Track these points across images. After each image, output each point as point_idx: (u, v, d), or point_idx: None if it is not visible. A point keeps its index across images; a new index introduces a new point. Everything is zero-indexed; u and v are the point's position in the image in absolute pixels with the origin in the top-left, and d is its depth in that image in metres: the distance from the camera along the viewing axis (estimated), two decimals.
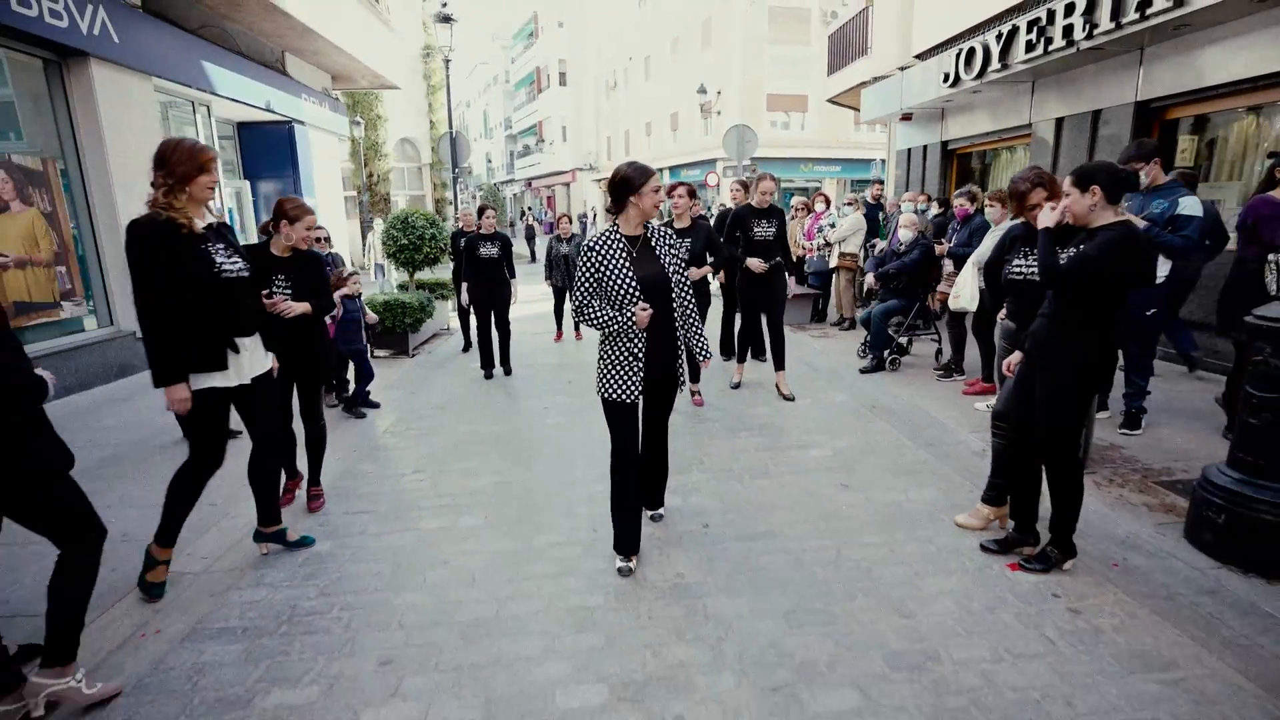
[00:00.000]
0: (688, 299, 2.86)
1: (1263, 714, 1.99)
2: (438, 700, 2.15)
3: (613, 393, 2.74)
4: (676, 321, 2.82)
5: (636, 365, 2.72)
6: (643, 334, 2.69)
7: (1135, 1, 5.52)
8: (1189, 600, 2.56)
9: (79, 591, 2.11)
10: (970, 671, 2.21)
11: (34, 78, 6.18)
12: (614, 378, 2.74)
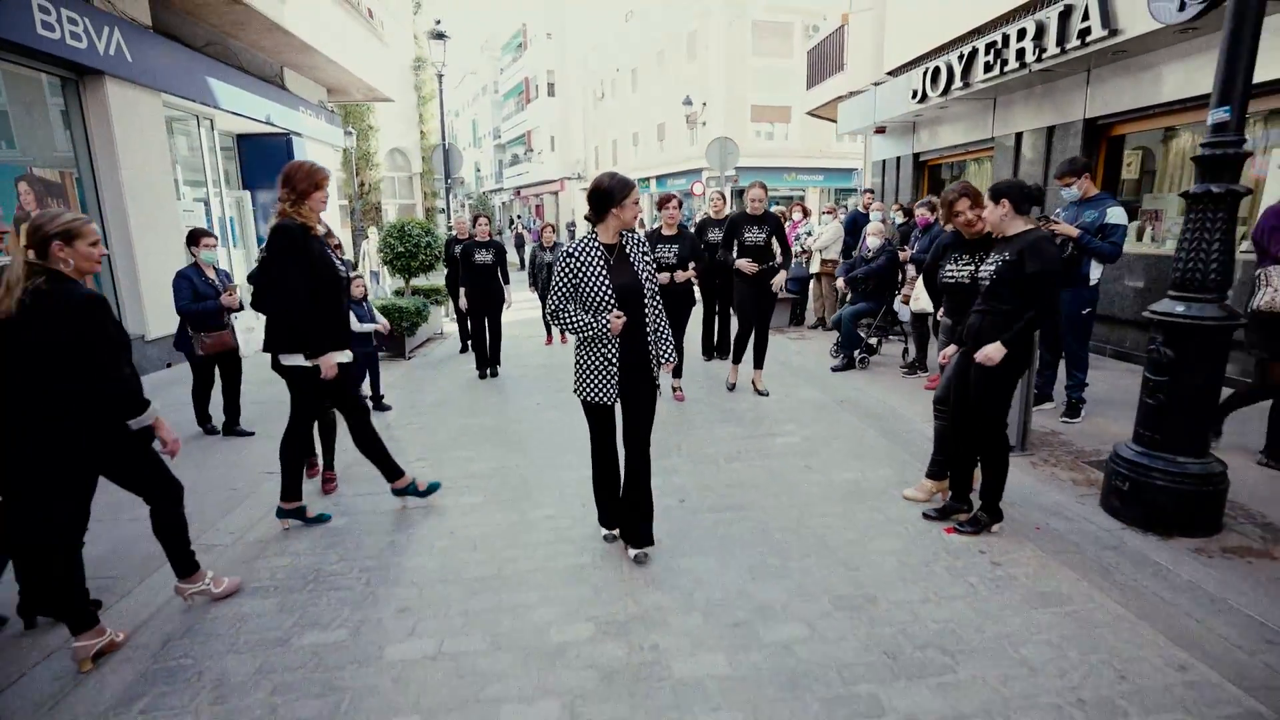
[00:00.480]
0: (659, 306, 2.98)
1: (1135, 634, 2.42)
2: (449, 639, 2.53)
3: (590, 395, 2.88)
4: (648, 327, 2.92)
5: (612, 369, 2.84)
6: (616, 339, 2.82)
7: (1076, 29, 6.03)
8: (1094, 554, 2.99)
9: (175, 527, 2.66)
10: (901, 610, 2.61)
11: (54, 95, 6.53)
12: (590, 381, 2.87)
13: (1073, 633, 2.43)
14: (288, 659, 2.42)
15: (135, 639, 2.56)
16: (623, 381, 2.88)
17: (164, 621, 2.68)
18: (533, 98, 40.82)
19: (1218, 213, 2.95)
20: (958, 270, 3.42)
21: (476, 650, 2.44)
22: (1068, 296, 4.70)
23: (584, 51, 37.18)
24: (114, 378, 2.38)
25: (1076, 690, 2.14)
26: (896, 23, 10.03)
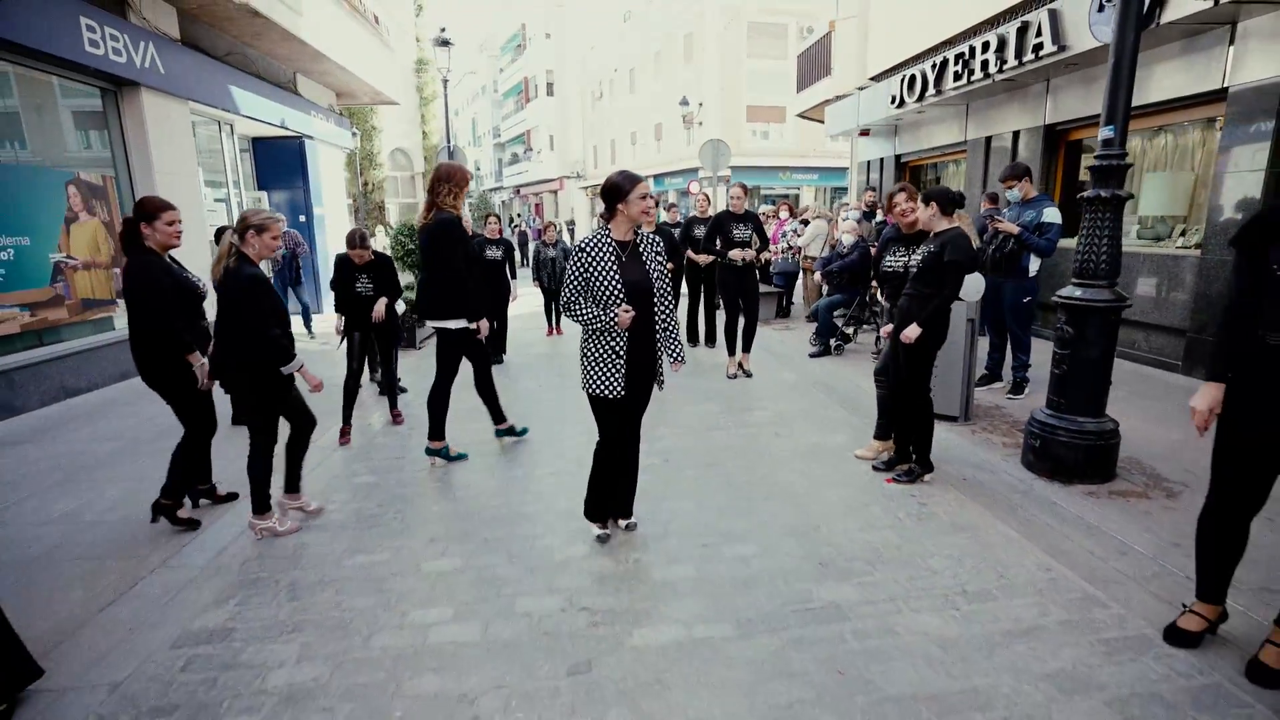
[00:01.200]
0: (669, 305, 3.04)
1: (1020, 550, 3.03)
2: (472, 557, 3.13)
3: (597, 389, 2.92)
4: (656, 325, 2.99)
5: (618, 363, 2.88)
6: (624, 334, 2.87)
7: (1032, 44, 6.63)
8: (1004, 496, 3.60)
9: (295, 452, 3.54)
10: (839, 536, 3.22)
11: (96, 105, 7.12)
12: (597, 375, 2.91)
13: (972, 550, 3.04)
14: (343, 572, 3.03)
15: (218, 560, 3.17)
16: (628, 375, 2.92)
17: (239, 549, 3.28)
18: (532, 97, 41.39)
19: (1106, 213, 3.56)
20: (895, 260, 4.02)
21: (495, 564, 3.05)
22: (1010, 287, 5.32)
23: (582, 52, 37.74)
24: (265, 335, 3.15)
25: (963, 584, 2.75)
26: (877, 31, 10.62)
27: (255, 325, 3.13)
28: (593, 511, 3.26)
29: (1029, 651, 2.33)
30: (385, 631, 2.57)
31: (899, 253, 3.98)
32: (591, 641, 2.47)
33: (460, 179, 4.00)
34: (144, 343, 3.34)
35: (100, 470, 4.37)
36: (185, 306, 3.38)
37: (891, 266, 4.02)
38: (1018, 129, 8.10)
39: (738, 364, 6.45)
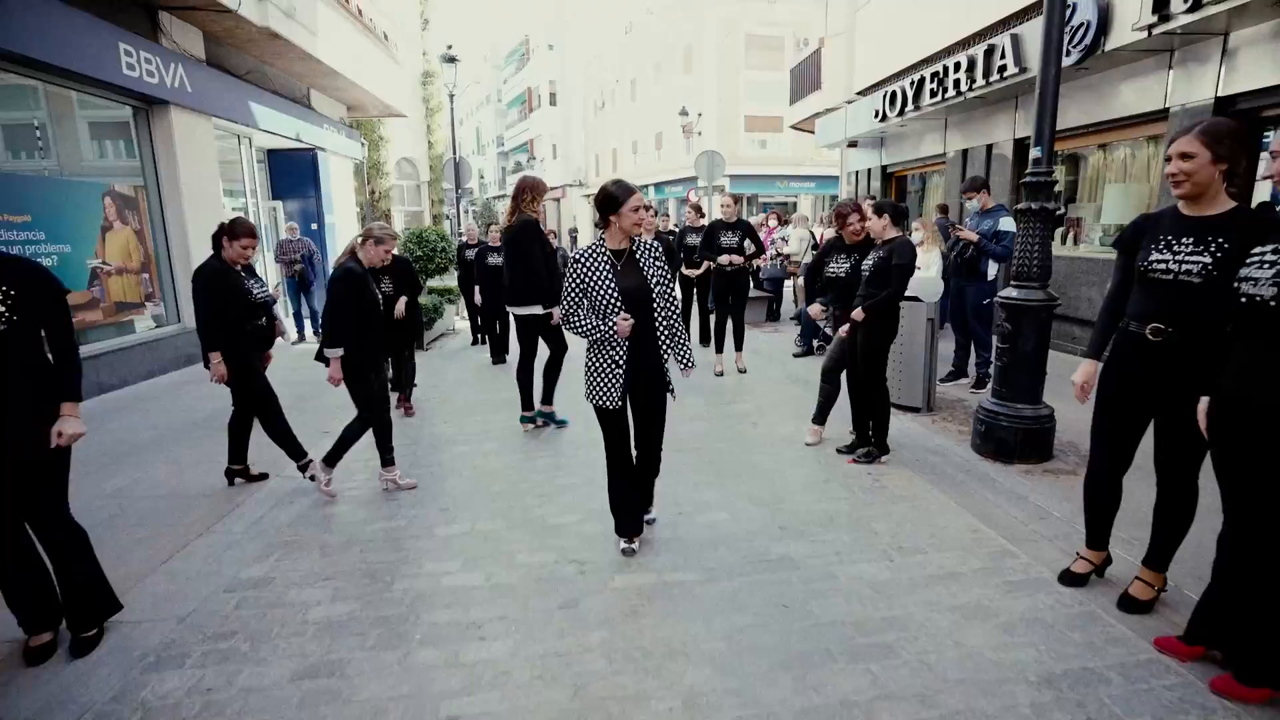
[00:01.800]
0: (672, 310, 3.00)
1: (954, 516, 3.48)
2: (478, 523, 3.60)
3: (598, 399, 2.91)
4: (659, 332, 2.96)
5: (618, 372, 2.85)
6: (624, 343, 2.84)
7: (997, 65, 7.12)
8: (949, 473, 4.05)
9: (352, 437, 3.98)
10: (798, 505, 3.68)
11: (129, 123, 7.65)
12: (598, 384, 2.89)
13: (912, 516, 3.50)
14: (366, 535, 3.50)
15: (256, 527, 3.64)
16: (633, 385, 2.91)
17: (273, 518, 3.75)
18: (535, 107, 42.06)
19: (1037, 224, 4.03)
20: (838, 267, 4.46)
21: (498, 528, 3.52)
22: (972, 289, 5.78)
23: (585, 62, 38.40)
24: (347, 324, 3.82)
25: (900, 542, 3.21)
26: (863, 49, 11.13)
27: (344, 315, 3.76)
28: (620, 526, 3.19)
29: (944, 590, 2.79)
30: (405, 579, 3.04)
31: (841, 260, 4.42)
32: (579, 585, 2.94)
33: (539, 189, 4.93)
34: None
35: (142, 454, 4.86)
36: (240, 311, 3.86)
37: (834, 272, 4.45)
38: (990, 142, 8.58)
39: (724, 363, 6.93)
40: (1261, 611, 2.03)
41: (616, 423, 2.97)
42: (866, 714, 2.10)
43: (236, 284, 3.88)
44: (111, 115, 7.45)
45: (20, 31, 5.71)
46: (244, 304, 3.91)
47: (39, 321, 2.35)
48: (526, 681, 2.31)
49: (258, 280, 4.13)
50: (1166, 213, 2.45)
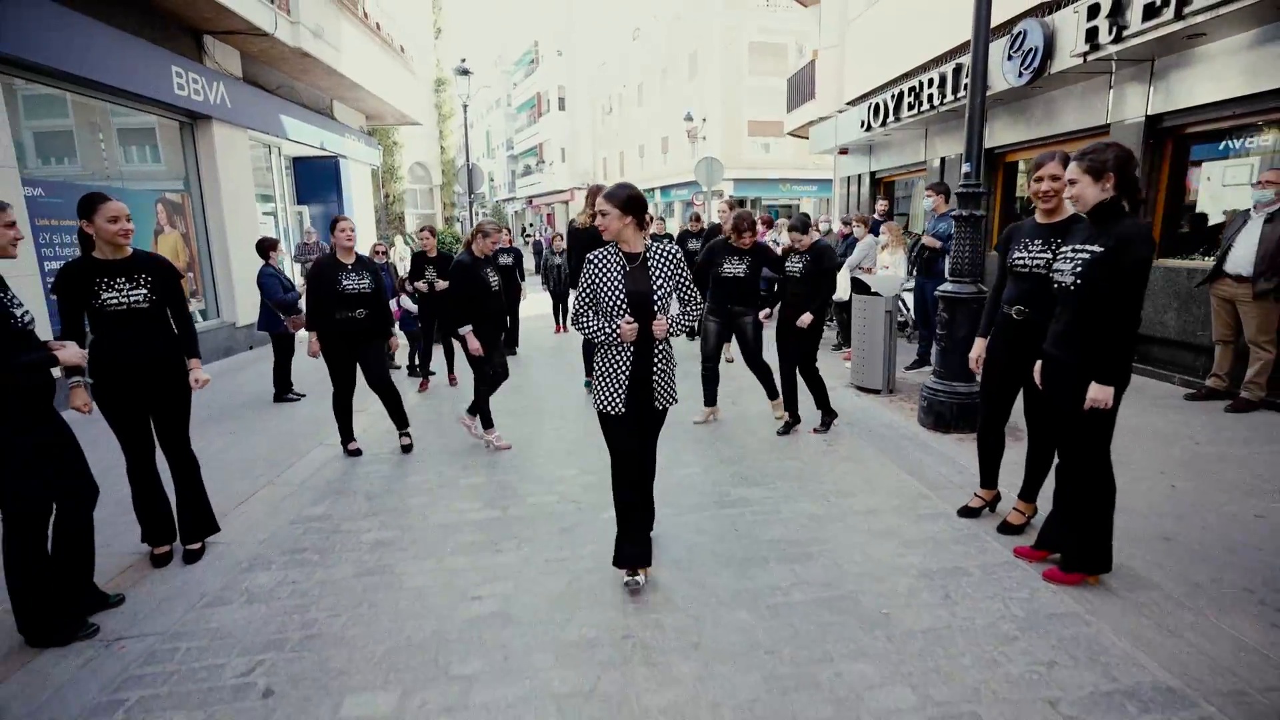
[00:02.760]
0: (681, 317, 2.88)
1: (889, 472, 4.19)
2: (494, 475, 4.34)
3: (602, 404, 2.84)
4: (657, 339, 2.81)
5: (622, 377, 2.79)
6: (630, 348, 2.79)
7: (964, 83, 7.80)
8: (893, 440, 4.76)
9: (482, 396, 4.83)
10: (760, 462, 4.40)
11: (176, 136, 8.47)
12: (602, 389, 2.84)
13: (854, 470, 4.22)
14: (403, 486, 4.24)
15: (310, 480, 4.39)
16: (634, 392, 2.83)
17: (322, 474, 4.51)
18: (544, 111, 42.91)
19: (968, 228, 4.73)
20: (734, 268, 5.08)
21: (512, 480, 4.26)
22: (930, 286, 6.47)
23: (593, 68, 39.21)
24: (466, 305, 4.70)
25: (839, 489, 3.93)
26: (851, 62, 11.82)
27: (463, 299, 4.65)
28: (620, 555, 2.93)
29: (864, 521, 3.50)
30: (437, 514, 3.78)
31: (735, 261, 5.05)
32: (575, 517, 3.68)
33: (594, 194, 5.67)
34: None
35: (203, 428, 5.61)
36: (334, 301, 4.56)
37: (731, 273, 5.09)
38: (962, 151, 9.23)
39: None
40: (1076, 518, 2.74)
41: (618, 430, 2.89)
42: (785, 594, 2.82)
43: (330, 275, 4.54)
44: (164, 130, 8.27)
45: (95, 61, 6.52)
46: (337, 295, 4.54)
47: (166, 300, 3.11)
48: (532, 576, 3.05)
49: (361, 273, 4.60)
50: (1028, 221, 3.17)
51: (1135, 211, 2.62)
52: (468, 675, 2.38)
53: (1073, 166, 2.64)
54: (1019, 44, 6.69)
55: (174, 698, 2.31)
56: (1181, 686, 2.17)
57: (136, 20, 7.31)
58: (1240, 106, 5.40)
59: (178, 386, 3.16)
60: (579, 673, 2.35)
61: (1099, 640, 2.43)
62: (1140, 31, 5.29)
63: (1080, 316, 2.62)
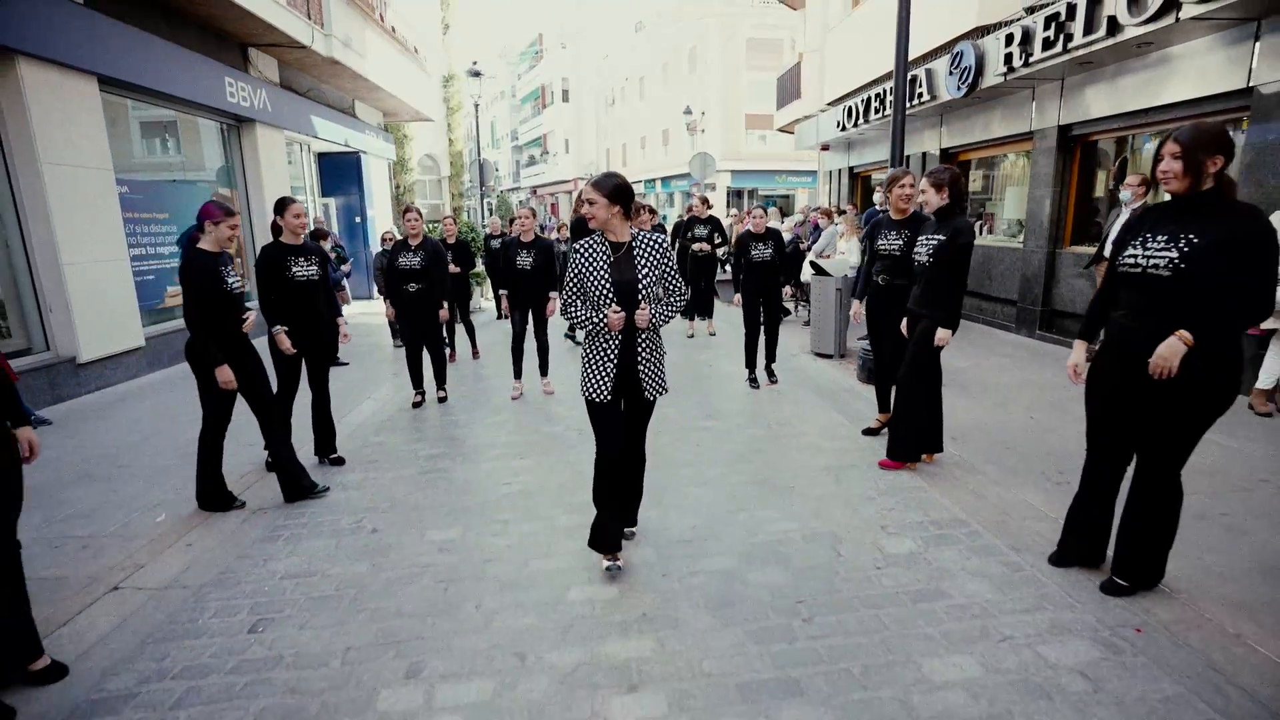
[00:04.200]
0: (665, 307, 2.90)
1: (824, 412, 5.36)
2: (515, 416, 5.52)
3: (589, 392, 2.88)
4: (641, 328, 2.82)
5: (609, 366, 2.83)
6: (617, 336, 2.81)
7: (918, 92, 8.90)
8: (833, 391, 5.93)
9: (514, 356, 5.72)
10: (723, 405, 5.57)
11: (224, 138, 9.62)
12: (590, 377, 2.87)
13: (795, 410, 5.40)
14: (444, 423, 5.43)
15: (370, 419, 5.58)
16: (621, 380, 2.88)
17: (378, 416, 5.70)
18: (548, 103, 43.86)
19: None
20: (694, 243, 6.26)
21: (527, 421, 5.44)
22: None
23: (596, 61, 40.10)
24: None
25: (781, 421, 5.10)
26: (832, 66, 12.89)
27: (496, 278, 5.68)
28: (597, 539, 3.02)
29: (796, 442, 4.67)
30: (472, 439, 4.97)
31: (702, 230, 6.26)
32: (577, 440, 4.86)
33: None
34: None
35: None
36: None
37: (700, 250, 6.28)
38: (925, 150, 10.36)
39: (695, 328, 8.85)
40: (897, 421, 3.92)
41: (605, 417, 2.93)
42: (725, 479, 4.00)
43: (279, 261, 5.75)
44: (214, 133, 9.42)
45: (170, 77, 7.67)
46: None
47: (325, 274, 4.30)
48: (546, 473, 4.24)
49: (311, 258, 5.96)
50: (884, 218, 4.34)
51: (963, 212, 3.78)
52: (504, 519, 3.57)
53: (923, 181, 3.80)
54: (958, 62, 7.78)
55: (313, 533, 3.50)
56: (967, 518, 3.35)
57: (196, 37, 8.43)
58: (1122, 121, 6.52)
59: (331, 337, 4.41)
60: (577, 518, 3.54)
61: (929, 498, 3.62)
62: (1041, 59, 6.39)
63: (931, 284, 3.78)
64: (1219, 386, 2.34)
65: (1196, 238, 2.27)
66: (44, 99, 5.97)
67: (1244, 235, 2.21)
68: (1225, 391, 2.35)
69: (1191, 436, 2.44)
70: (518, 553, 3.24)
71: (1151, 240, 2.39)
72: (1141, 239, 2.44)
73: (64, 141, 6.20)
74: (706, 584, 2.90)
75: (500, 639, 2.55)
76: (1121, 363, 2.51)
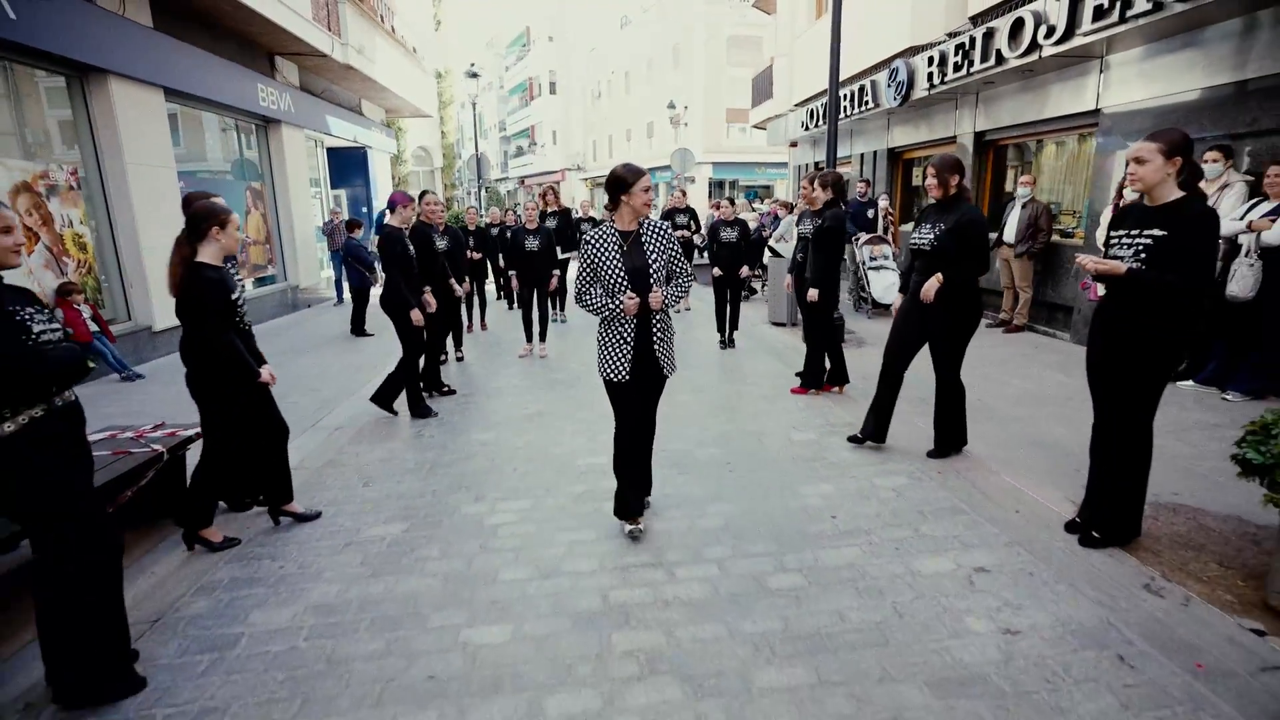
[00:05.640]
0: (673, 289, 3.10)
1: (770, 365, 6.74)
2: (523, 368, 6.85)
3: (608, 373, 3.07)
4: (655, 311, 3.03)
5: (626, 348, 3.01)
6: (633, 320, 2.99)
7: (866, 99, 10.26)
8: (780, 351, 7.30)
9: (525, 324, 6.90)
10: (696, 362, 6.92)
11: (254, 136, 10.80)
12: (608, 359, 3.05)
13: (748, 364, 6.76)
14: (472, 386, 6.74)
15: None
16: (637, 359, 3.06)
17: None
18: (536, 95, 44.76)
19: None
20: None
21: (535, 383, 6.77)
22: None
23: (583, 54, 41.07)
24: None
25: (735, 366, 6.47)
26: (799, 70, 14.21)
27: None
28: (621, 508, 3.30)
29: (741, 383, 6.04)
30: (493, 383, 6.29)
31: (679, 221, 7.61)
32: (583, 380, 6.19)
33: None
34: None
35: (300, 356, 8.09)
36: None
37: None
38: (876, 149, 11.75)
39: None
40: (807, 360, 5.30)
41: (625, 395, 3.13)
42: (692, 406, 5.36)
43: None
44: (246, 131, 10.60)
45: (216, 85, 8.85)
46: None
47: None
48: (551, 401, 5.59)
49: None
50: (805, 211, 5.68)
51: (845, 205, 5.15)
52: (525, 429, 4.94)
53: (805, 181, 5.14)
54: (894, 77, 9.14)
55: (389, 438, 4.82)
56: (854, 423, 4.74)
57: (235, 49, 9.59)
58: (1020, 129, 7.94)
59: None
60: (580, 426, 4.90)
61: (830, 411, 5.01)
62: (954, 79, 7.77)
63: (816, 256, 5.14)
64: (968, 313, 3.77)
65: (943, 225, 3.67)
66: (127, 109, 7.17)
67: (965, 222, 3.63)
68: (969, 318, 3.79)
69: (956, 350, 3.86)
70: (537, 445, 4.61)
71: (924, 227, 3.81)
72: (920, 227, 3.87)
73: (140, 144, 7.41)
74: (671, 456, 4.27)
75: (533, 482, 3.94)
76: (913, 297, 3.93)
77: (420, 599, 2.80)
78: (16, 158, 6.17)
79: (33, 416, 2.04)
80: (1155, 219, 2.67)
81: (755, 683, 2.24)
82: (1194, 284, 2.59)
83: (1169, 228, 2.61)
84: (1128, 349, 2.78)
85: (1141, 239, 2.69)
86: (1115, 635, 2.41)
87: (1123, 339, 2.79)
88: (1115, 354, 2.84)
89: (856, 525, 3.33)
